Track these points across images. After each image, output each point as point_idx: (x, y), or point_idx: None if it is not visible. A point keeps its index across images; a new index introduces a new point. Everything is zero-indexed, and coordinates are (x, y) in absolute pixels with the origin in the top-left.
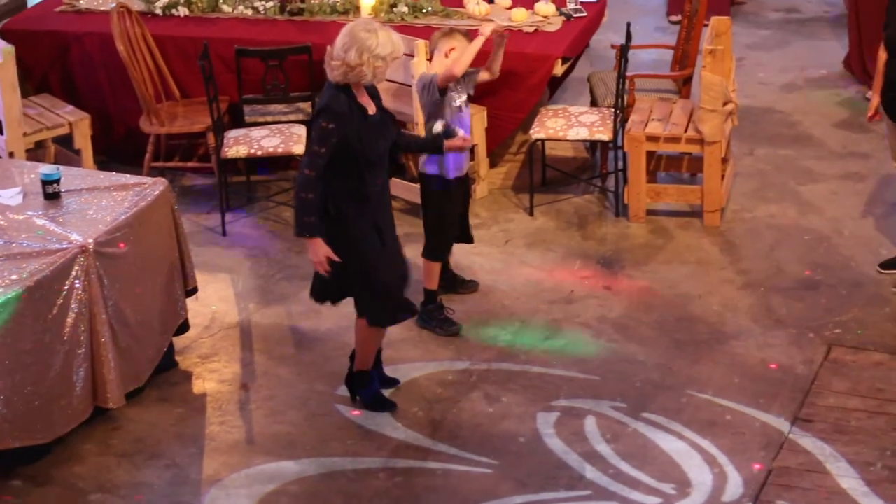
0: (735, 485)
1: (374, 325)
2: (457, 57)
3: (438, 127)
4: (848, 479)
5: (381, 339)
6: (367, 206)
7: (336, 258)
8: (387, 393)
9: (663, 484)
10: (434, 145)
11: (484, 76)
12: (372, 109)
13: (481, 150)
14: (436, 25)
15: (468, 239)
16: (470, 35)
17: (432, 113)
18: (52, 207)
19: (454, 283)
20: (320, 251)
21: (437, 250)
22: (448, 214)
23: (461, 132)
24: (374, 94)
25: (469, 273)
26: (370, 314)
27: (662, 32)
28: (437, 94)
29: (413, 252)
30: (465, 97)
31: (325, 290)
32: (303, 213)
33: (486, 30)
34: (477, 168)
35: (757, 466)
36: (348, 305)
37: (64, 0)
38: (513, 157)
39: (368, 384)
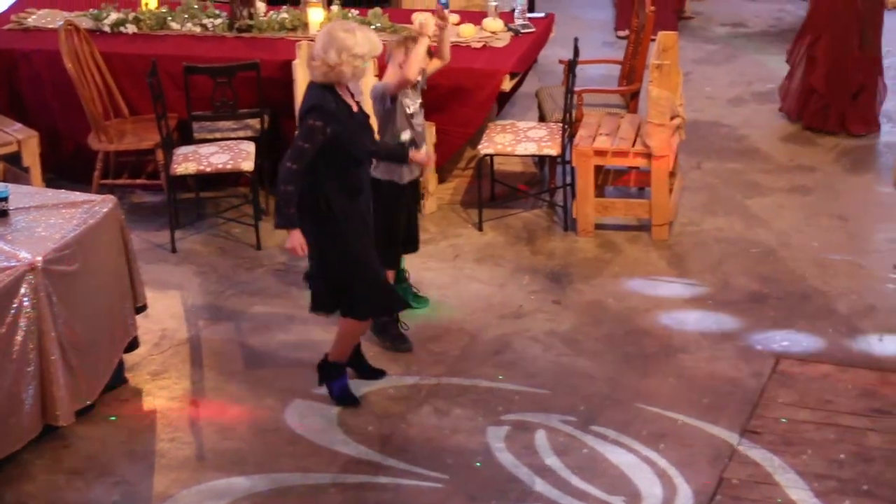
0: (685, 497)
1: (364, 318)
2: (407, 62)
3: (406, 136)
4: (797, 491)
5: (362, 333)
6: (356, 202)
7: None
8: (364, 390)
9: (613, 497)
10: (399, 154)
11: (436, 63)
12: (355, 108)
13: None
14: (384, 42)
15: (415, 245)
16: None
17: (385, 122)
18: (0, 225)
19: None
20: (298, 241)
21: (387, 257)
22: (397, 221)
23: (426, 149)
24: (351, 94)
25: (418, 288)
26: (361, 307)
27: (610, 47)
28: (389, 102)
29: None
30: (418, 103)
31: (323, 301)
32: (285, 204)
33: (428, 29)
34: (426, 184)
35: (706, 479)
36: (294, 322)
37: (12, 18)
38: (461, 172)
39: (340, 376)
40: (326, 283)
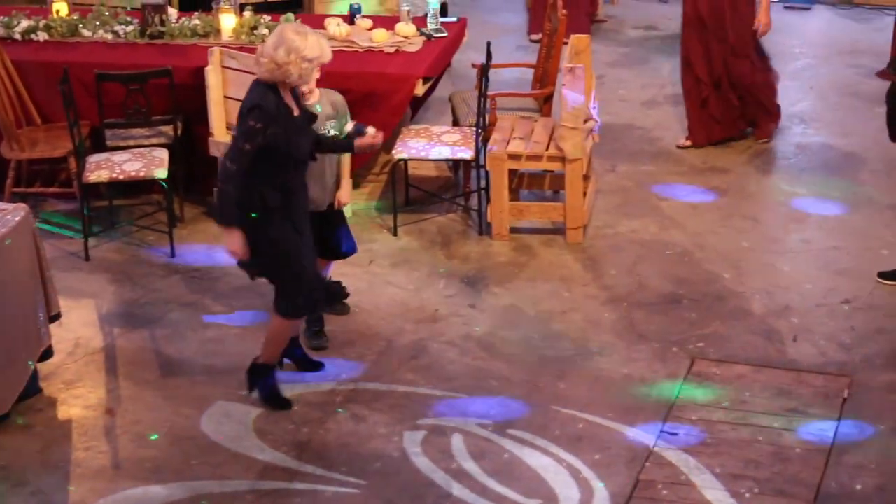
0: (601, 499)
1: (291, 317)
2: None
3: (349, 127)
4: (713, 491)
5: (293, 333)
6: (291, 202)
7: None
8: (288, 391)
9: (530, 500)
10: (346, 145)
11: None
12: (296, 110)
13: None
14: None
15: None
16: None
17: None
18: None
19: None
20: (236, 242)
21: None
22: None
23: (371, 129)
24: (295, 95)
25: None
26: (288, 306)
27: (524, 51)
28: None
29: None
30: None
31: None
32: (225, 204)
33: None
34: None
35: (623, 480)
36: (210, 329)
37: None
38: (376, 177)
39: (269, 378)
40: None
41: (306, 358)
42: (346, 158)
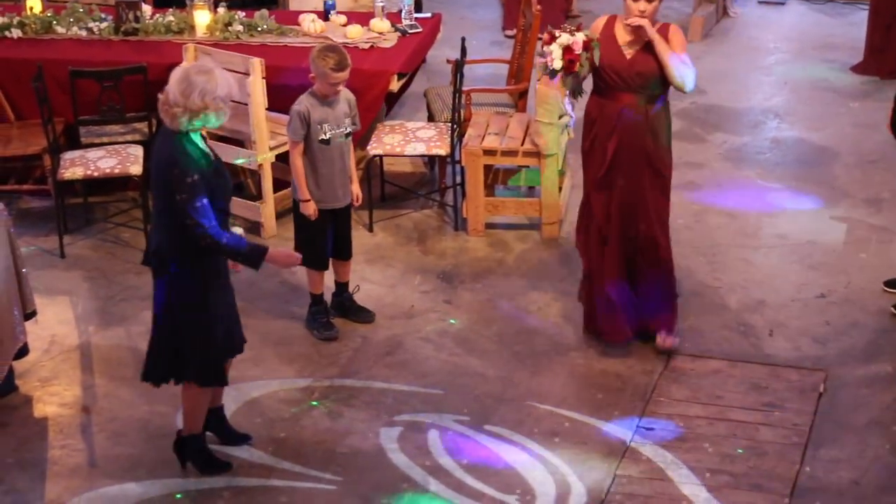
0: (578, 494)
1: (205, 386)
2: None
3: (239, 231)
4: (690, 486)
5: (209, 399)
6: (217, 260)
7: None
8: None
9: (507, 495)
10: (250, 255)
11: None
12: (213, 155)
13: None
14: (271, 44)
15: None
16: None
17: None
18: None
19: (347, 309)
20: (281, 256)
21: (306, 259)
22: (311, 227)
23: (354, 187)
24: (203, 137)
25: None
26: (202, 375)
27: (499, 47)
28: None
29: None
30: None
31: (160, 368)
32: (239, 251)
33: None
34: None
35: (599, 476)
36: None
37: None
38: None
39: (200, 448)
40: (161, 343)
41: (232, 430)
42: (352, 154)
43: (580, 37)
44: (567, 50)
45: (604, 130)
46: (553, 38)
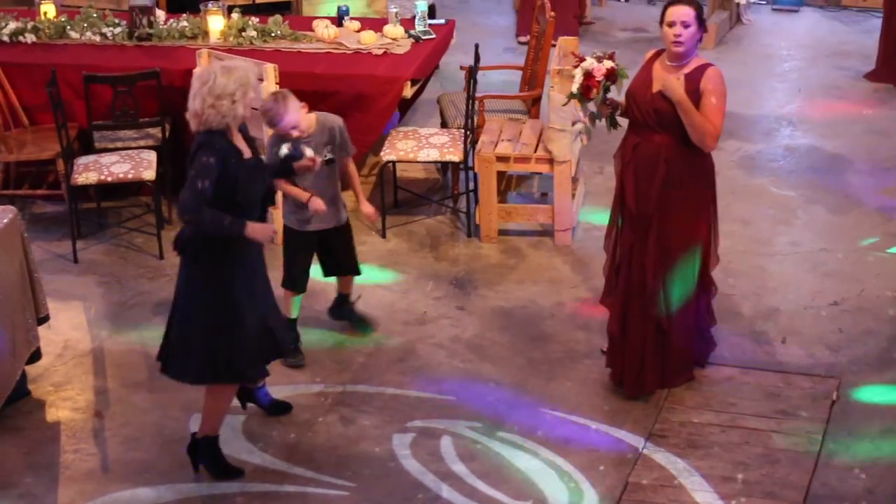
0: (591, 501)
1: (229, 382)
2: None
3: (284, 150)
4: (702, 494)
5: (231, 399)
6: (239, 251)
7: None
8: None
9: (519, 502)
10: (284, 169)
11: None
12: (247, 153)
13: None
14: (285, 49)
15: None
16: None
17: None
18: None
19: (349, 318)
20: (258, 228)
21: (283, 278)
22: (291, 247)
23: (309, 152)
24: (247, 138)
25: (323, 296)
26: (220, 371)
27: (512, 53)
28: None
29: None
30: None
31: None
32: (219, 225)
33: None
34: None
35: (612, 483)
36: None
37: None
38: (364, 179)
39: (214, 451)
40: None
41: (273, 401)
42: (355, 175)
43: (606, 65)
44: (587, 75)
45: (620, 161)
46: (580, 62)
